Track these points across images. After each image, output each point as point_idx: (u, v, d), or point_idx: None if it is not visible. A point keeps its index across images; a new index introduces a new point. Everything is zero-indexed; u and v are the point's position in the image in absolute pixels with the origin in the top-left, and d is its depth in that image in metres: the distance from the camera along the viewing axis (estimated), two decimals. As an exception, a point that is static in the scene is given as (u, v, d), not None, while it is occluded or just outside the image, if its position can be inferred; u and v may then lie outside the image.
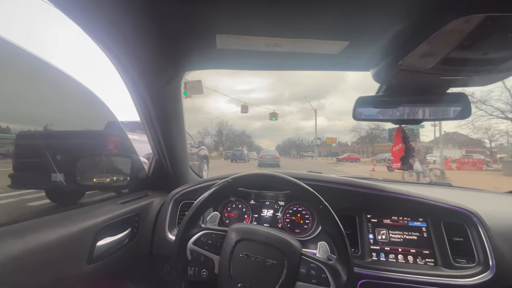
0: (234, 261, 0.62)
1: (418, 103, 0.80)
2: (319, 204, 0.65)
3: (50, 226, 0.62)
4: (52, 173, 0.90)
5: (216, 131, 49.28)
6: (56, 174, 0.91)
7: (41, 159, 0.91)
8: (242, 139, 56.54)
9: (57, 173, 0.91)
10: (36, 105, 0.94)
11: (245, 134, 60.16)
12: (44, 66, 0.81)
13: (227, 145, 50.07)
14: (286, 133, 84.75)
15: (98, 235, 0.73)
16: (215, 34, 0.63)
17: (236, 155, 20.73)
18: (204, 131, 44.39)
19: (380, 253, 0.86)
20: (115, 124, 1.13)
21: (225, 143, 50.61)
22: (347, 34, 0.62)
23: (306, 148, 53.00)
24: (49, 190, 0.97)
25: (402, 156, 0.81)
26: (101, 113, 1.08)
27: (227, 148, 45.76)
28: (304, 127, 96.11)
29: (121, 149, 1.18)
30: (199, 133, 40.76)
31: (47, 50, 74.38)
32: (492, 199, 1.20)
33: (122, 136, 1.17)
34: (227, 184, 0.70)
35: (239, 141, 53.36)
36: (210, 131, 45.20)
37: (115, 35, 0.64)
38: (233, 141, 52.52)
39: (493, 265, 0.75)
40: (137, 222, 0.93)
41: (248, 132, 63.39)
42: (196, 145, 5.86)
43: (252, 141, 62.71)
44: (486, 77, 0.68)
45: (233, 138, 54.01)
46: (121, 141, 1.19)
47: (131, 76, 0.82)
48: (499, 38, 0.50)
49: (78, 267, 0.66)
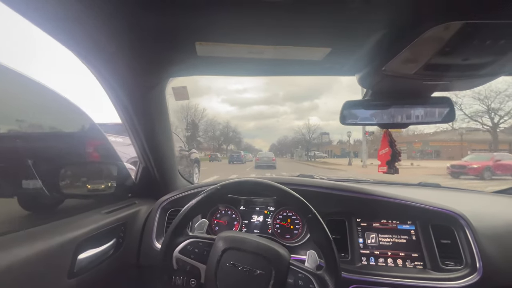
0: (221, 270, 0.61)
1: (405, 107, 0.81)
2: (308, 212, 0.64)
3: (28, 240, 0.59)
4: (26, 180, 0.85)
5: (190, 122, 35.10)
6: (32, 181, 0.86)
7: (13, 164, 0.86)
8: (227, 135, 42.60)
9: (34, 180, 0.86)
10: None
11: (230, 128, 44.25)
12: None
13: (204, 142, 37.45)
14: (280, 133, 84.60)
15: (80, 247, 0.70)
16: (195, 42, 0.61)
17: (233, 157, 21.81)
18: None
19: (370, 257, 0.86)
20: (95, 129, 1.10)
21: (200, 137, 36.50)
22: (329, 41, 0.62)
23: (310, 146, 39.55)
24: (24, 200, 0.92)
25: (388, 160, 0.82)
26: (76, 118, 1.03)
27: (203, 147, 35.43)
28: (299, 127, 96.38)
29: (105, 155, 1.15)
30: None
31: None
32: (479, 199, 1.22)
33: (104, 142, 1.14)
34: (215, 191, 0.69)
35: (224, 139, 41.24)
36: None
37: (90, 42, 0.62)
38: (214, 137, 39.43)
39: (480, 267, 0.76)
40: (123, 232, 0.91)
41: (233, 126, 47.89)
42: (186, 149, 5.79)
43: (239, 138, 49.13)
44: (468, 82, 0.69)
45: (213, 132, 39.47)
46: (103, 147, 1.15)
47: (110, 84, 0.80)
48: (478, 44, 0.51)
49: (59, 282, 0.64)
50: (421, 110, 0.81)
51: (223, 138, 41.86)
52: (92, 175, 1.03)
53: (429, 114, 0.81)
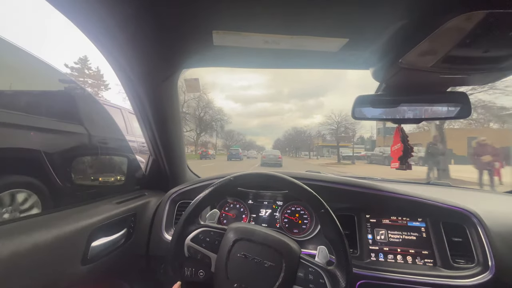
0: (231, 260, 0.61)
1: (418, 102, 0.79)
2: (320, 208, 0.63)
3: (43, 227, 0.61)
4: (46, 172, 0.87)
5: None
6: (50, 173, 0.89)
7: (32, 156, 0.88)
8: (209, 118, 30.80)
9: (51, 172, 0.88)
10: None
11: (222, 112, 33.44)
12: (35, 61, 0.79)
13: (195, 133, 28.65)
14: (284, 131, 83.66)
15: (93, 235, 0.72)
16: (212, 31, 0.61)
17: (232, 154, 22.90)
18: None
19: (379, 253, 0.86)
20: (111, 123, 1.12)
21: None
22: (347, 31, 0.61)
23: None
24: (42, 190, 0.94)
25: (400, 155, 0.80)
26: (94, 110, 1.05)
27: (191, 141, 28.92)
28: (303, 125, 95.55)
29: (117, 148, 1.16)
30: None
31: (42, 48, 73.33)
32: (491, 199, 1.20)
33: (118, 135, 1.16)
34: (229, 182, 0.69)
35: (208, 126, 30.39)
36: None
37: (109, 32, 0.63)
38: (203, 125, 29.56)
39: (492, 265, 0.75)
40: (133, 222, 0.92)
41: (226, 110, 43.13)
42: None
43: (234, 132, 42.15)
44: (487, 76, 0.68)
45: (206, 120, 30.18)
46: (117, 140, 1.17)
47: (127, 74, 0.81)
48: (500, 36, 0.49)
49: (72, 268, 0.65)
50: (435, 106, 0.79)
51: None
52: (103, 166, 1.05)
53: (443, 109, 0.79)
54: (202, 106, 30.37)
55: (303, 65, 0.86)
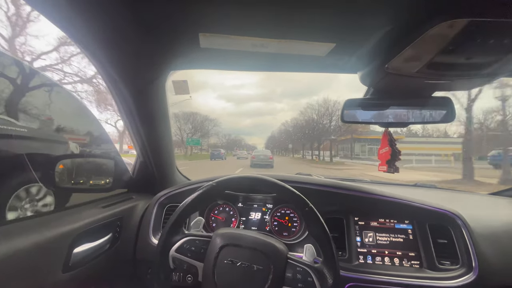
0: (219, 267, 0.60)
1: (405, 107, 0.81)
2: (304, 206, 0.63)
3: (22, 233, 0.58)
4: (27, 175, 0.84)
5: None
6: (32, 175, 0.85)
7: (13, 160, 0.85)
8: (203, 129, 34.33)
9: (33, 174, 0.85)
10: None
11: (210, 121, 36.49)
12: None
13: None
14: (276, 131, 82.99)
15: (76, 241, 0.70)
16: (199, 33, 0.60)
17: (214, 154, 26.17)
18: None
19: (367, 255, 0.87)
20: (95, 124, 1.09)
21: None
22: (334, 35, 0.61)
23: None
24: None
25: (388, 159, 0.81)
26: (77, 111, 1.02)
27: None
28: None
29: (103, 149, 1.14)
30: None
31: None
32: (476, 200, 1.23)
33: (104, 136, 1.13)
34: (211, 188, 0.68)
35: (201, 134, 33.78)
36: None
37: (91, 32, 0.61)
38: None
39: (475, 266, 0.76)
40: (119, 227, 0.90)
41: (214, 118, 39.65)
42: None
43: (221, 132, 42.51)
44: (470, 82, 0.69)
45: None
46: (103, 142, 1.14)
47: (111, 76, 0.79)
48: (482, 44, 0.51)
49: (52, 276, 0.63)
50: (421, 110, 0.81)
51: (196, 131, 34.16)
52: (89, 169, 1.02)
53: (429, 114, 0.81)
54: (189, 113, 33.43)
55: (291, 69, 0.86)
